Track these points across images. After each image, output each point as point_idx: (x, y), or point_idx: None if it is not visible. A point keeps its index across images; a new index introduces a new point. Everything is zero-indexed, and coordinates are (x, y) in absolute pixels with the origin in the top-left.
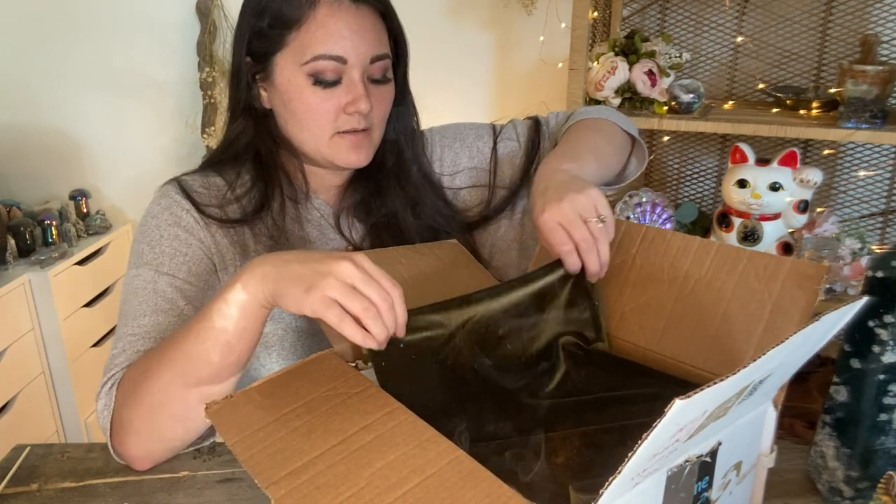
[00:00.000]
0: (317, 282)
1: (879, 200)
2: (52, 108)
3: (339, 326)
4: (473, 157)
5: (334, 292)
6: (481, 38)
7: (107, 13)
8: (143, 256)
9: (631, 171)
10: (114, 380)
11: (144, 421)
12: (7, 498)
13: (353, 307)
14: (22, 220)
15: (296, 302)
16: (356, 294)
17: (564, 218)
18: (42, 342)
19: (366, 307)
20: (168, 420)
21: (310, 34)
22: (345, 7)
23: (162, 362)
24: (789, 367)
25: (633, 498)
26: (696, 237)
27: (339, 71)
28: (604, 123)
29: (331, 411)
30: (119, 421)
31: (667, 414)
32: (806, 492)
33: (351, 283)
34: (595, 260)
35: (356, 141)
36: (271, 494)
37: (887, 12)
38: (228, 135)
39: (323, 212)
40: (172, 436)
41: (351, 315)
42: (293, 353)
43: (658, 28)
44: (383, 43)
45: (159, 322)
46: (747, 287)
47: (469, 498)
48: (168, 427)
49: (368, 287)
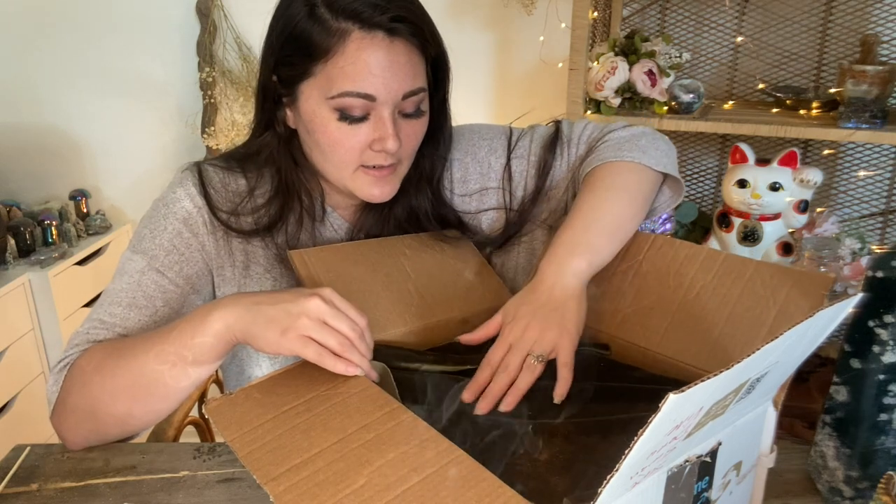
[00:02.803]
0: (291, 323)
1: (879, 200)
2: (52, 108)
3: (320, 361)
4: (484, 175)
5: (308, 331)
6: (481, 38)
7: (107, 13)
8: (142, 242)
9: (660, 208)
10: (68, 361)
11: (86, 413)
12: (7, 498)
13: (329, 342)
14: (22, 220)
15: (273, 344)
16: (328, 329)
17: (515, 341)
18: (42, 342)
19: (340, 341)
20: (109, 419)
21: (337, 68)
22: (377, 41)
23: (117, 368)
24: (788, 366)
25: (633, 498)
26: (705, 246)
27: (368, 108)
28: (634, 173)
29: (330, 410)
30: (63, 403)
31: (661, 408)
32: (806, 492)
33: (322, 319)
34: (500, 387)
35: (381, 176)
36: (270, 490)
37: (887, 12)
38: (252, 146)
39: (337, 228)
40: (109, 432)
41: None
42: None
43: (658, 28)
44: (419, 77)
45: (130, 317)
46: (753, 293)
47: (469, 497)
48: (107, 425)
49: (338, 321)
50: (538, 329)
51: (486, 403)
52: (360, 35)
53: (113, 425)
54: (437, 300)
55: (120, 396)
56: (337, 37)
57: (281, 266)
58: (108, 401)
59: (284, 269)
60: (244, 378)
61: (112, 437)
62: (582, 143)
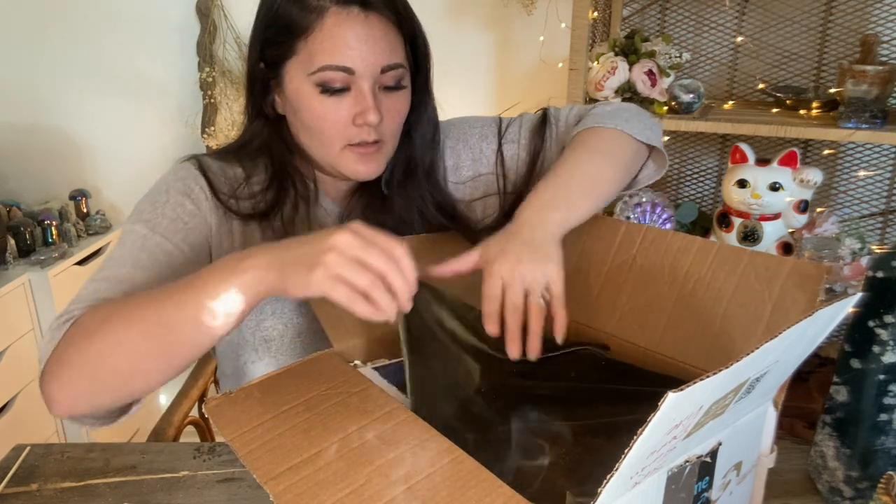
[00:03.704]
0: (319, 260)
1: (879, 200)
2: (52, 108)
3: (350, 305)
4: (476, 161)
5: (338, 268)
6: (481, 38)
7: (107, 13)
8: (142, 214)
9: (643, 179)
10: (70, 316)
11: (85, 369)
12: (7, 498)
13: (360, 282)
14: (22, 220)
15: (301, 285)
16: (359, 267)
17: (509, 277)
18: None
19: (371, 281)
20: (109, 377)
21: (317, 43)
22: (353, 15)
23: (130, 318)
24: (787, 366)
25: (633, 498)
26: (697, 238)
27: (348, 81)
28: (615, 138)
29: (330, 409)
30: (58, 358)
31: (660, 407)
32: (806, 492)
33: (353, 255)
34: (516, 326)
35: (366, 153)
36: (270, 490)
37: (887, 12)
38: (245, 135)
39: (331, 213)
40: (104, 394)
41: (359, 291)
42: (292, 351)
43: (658, 28)
44: (396, 52)
45: (135, 276)
46: (748, 287)
47: (469, 497)
48: (105, 384)
49: (370, 254)
50: (528, 263)
51: (515, 347)
52: (336, 10)
53: (112, 385)
54: None
55: (128, 348)
56: (315, 13)
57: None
58: (114, 354)
59: None
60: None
61: (106, 401)
62: (570, 122)
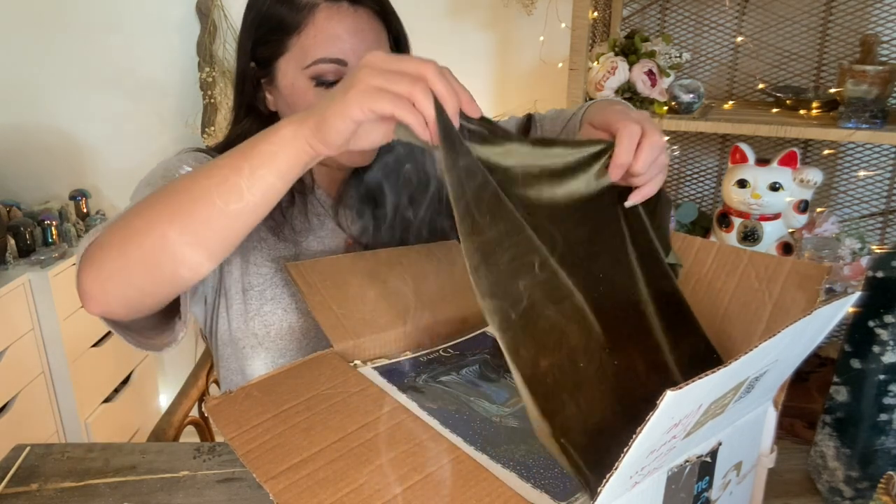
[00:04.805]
0: (352, 82)
1: (879, 200)
2: (52, 108)
3: (396, 111)
4: None
5: (374, 80)
6: (481, 38)
7: (107, 13)
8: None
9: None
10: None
11: (116, 246)
12: (7, 498)
13: (401, 88)
14: (22, 220)
15: (341, 113)
16: (398, 75)
17: (646, 126)
18: (42, 342)
19: (412, 82)
20: (138, 252)
21: (310, 38)
22: (343, 10)
23: (162, 193)
24: (787, 365)
25: (633, 497)
26: (697, 237)
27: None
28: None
29: (331, 409)
30: (95, 243)
31: (659, 406)
32: (806, 492)
33: (387, 67)
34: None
35: None
36: (270, 489)
37: (887, 12)
38: (232, 134)
39: (324, 203)
40: (132, 279)
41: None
42: (291, 351)
43: (658, 28)
44: (383, 44)
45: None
46: (748, 287)
47: (469, 496)
48: (134, 262)
49: (403, 62)
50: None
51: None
52: (326, 6)
53: (141, 263)
54: (436, 302)
55: (157, 218)
56: (306, 10)
57: (274, 237)
58: (144, 226)
59: (279, 240)
60: (243, 378)
61: (138, 294)
62: (566, 114)
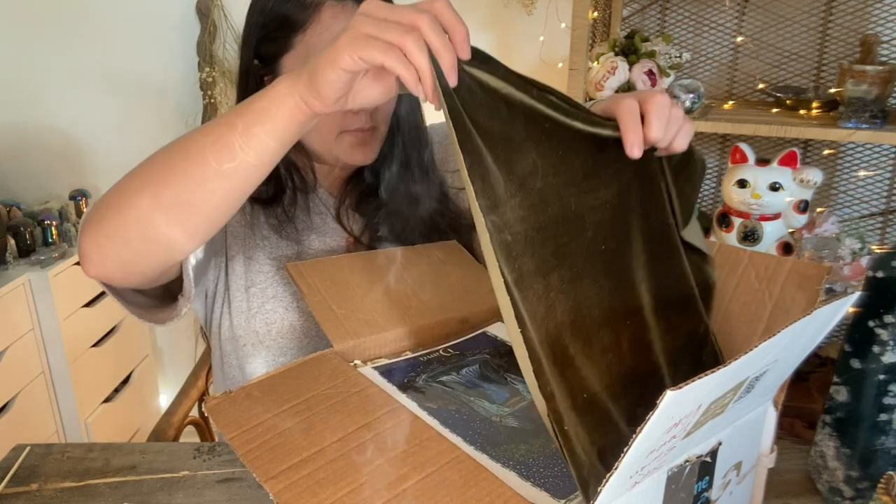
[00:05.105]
0: (345, 31)
1: (879, 200)
2: (52, 108)
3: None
4: None
5: (366, 27)
6: (481, 38)
7: (107, 13)
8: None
9: None
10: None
11: (113, 206)
12: (7, 498)
13: (391, 35)
14: (22, 220)
15: (331, 61)
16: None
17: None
18: (42, 342)
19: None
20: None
21: (315, 36)
22: (349, 9)
23: (160, 152)
24: (787, 365)
25: (633, 497)
26: None
27: None
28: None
29: (331, 409)
30: (94, 208)
31: (659, 405)
32: (806, 492)
33: (382, 16)
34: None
35: (362, 139)
36: (270, 489)
37: (887, 12)
38: None
39: (326, 203)
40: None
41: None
42: (289, 351)
43: (658, 28)
44: None
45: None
46: (748, 287)
47: (469, 496)
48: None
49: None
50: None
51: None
52: (332, 4)
53: (135, 223)
54: (436, 302)
55: (151, 177)
56: (311, 9)
57: (277, 235)
58: (139, 185)
59: (281, 238)
60: (243, 377)
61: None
62: None
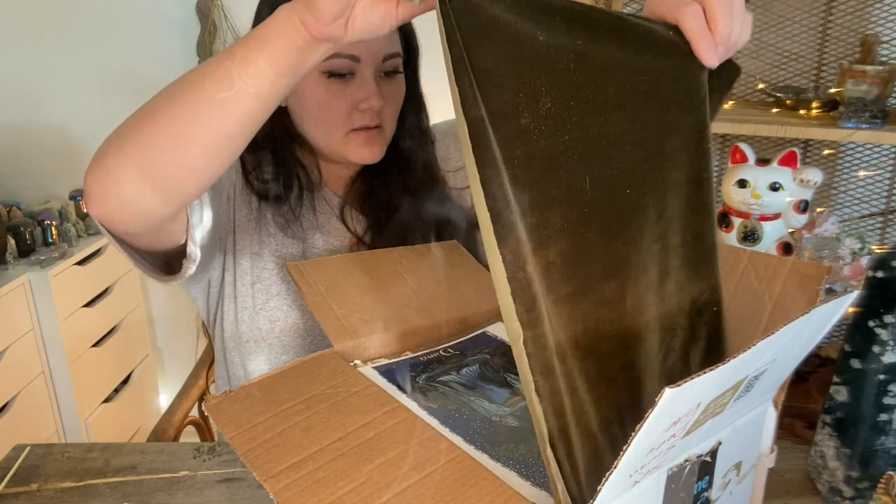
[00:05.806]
0: None
1: (879, 200)
2: (52, 108)
3: None
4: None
5: None
6: None
7: (106, 13)
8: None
9: None
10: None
11: (114, 143)
12: (7, 498)
13: None
14: (22, 220)
15: None
16: None
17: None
18: (42, 342)
19: None
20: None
21: None
22: None
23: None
24: (786, 365)
25: (633, 497)
26: None
27: (352, 68)
28: None
29: (331, 408)
30: (101, 146)
31: (657, 403)
32: (806, 492)
33: None
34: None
35: (369, 137)
36: (270, 488)
37: (887, 12)
38: None
39: (330, 202)
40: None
41: None
42: (291, 349)
43: None
44: (395, 42)
45: None
46: (748, 287)
47: (469, 496)
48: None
49: None
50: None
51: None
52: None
53: (132, 159)
54: (437, 302)
55: (152, 112)
56: None
57: (283, 233)
58: (139, 120)
59: (286, 236)
60: (243, 377)
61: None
62: None
